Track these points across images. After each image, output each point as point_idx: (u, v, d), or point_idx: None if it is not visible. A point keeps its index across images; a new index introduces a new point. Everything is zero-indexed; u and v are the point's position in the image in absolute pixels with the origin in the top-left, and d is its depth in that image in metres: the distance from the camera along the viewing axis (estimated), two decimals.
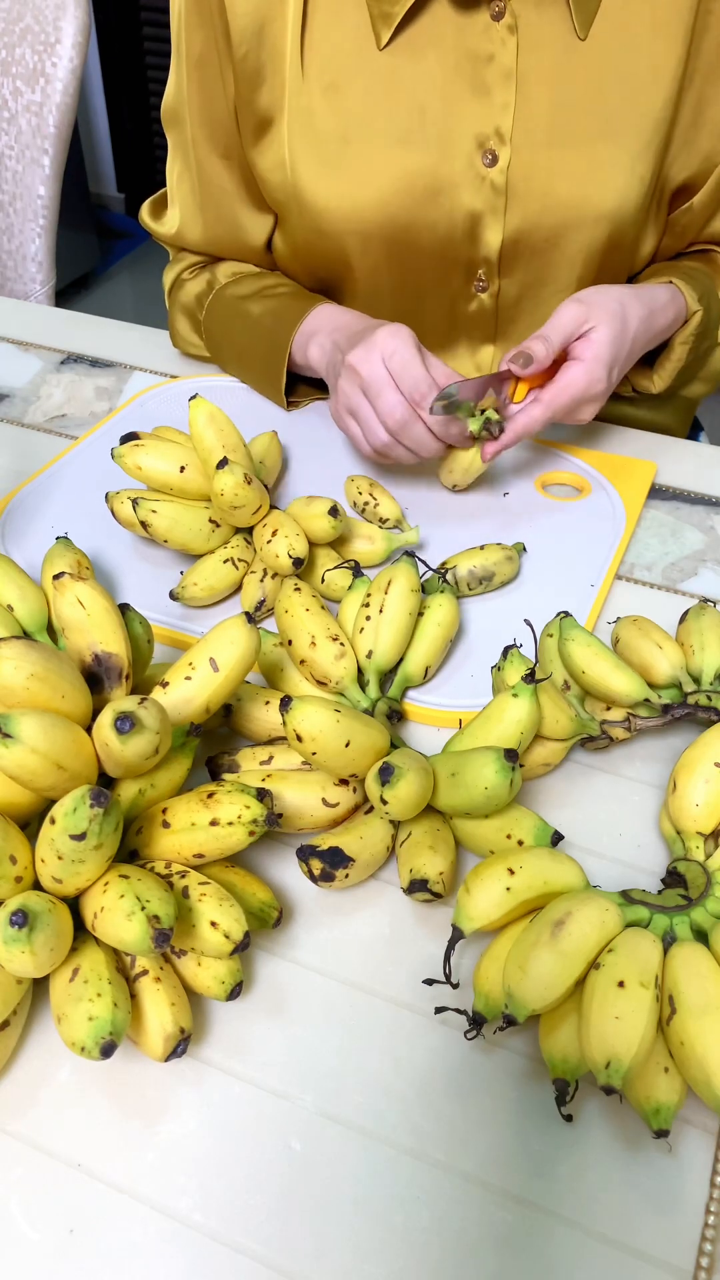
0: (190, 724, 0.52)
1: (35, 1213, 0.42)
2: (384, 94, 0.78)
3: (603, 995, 0.42)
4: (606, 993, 0.42)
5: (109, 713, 0.44)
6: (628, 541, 0.76)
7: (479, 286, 0.86)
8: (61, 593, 0.51)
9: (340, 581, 0.68)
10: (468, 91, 0.78)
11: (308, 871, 0.51)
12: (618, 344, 0.73)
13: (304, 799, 0.53)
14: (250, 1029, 0.48)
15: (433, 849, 0.51)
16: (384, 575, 0.62)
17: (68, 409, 0.92)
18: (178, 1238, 0.42)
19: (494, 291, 0.86)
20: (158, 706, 0.46)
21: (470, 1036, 0.46)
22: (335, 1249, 0.41)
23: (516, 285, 0.86)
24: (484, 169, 0.79)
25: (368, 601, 0.62)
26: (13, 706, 0.46)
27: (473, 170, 0.79)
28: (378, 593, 0.62)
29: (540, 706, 0.54)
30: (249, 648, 0.52)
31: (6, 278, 1.46)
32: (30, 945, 0.41)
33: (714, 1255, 0.41)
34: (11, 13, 1.36)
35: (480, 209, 0.80)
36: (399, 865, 0.52)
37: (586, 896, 0.46)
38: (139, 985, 0.45)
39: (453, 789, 0.51)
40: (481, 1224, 0.42)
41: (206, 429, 0.68)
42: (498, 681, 0.57)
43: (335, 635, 0.59)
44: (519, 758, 0.50)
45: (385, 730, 0.54)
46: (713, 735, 0.54)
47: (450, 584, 0.67)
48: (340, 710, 0.51)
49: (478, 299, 0.87)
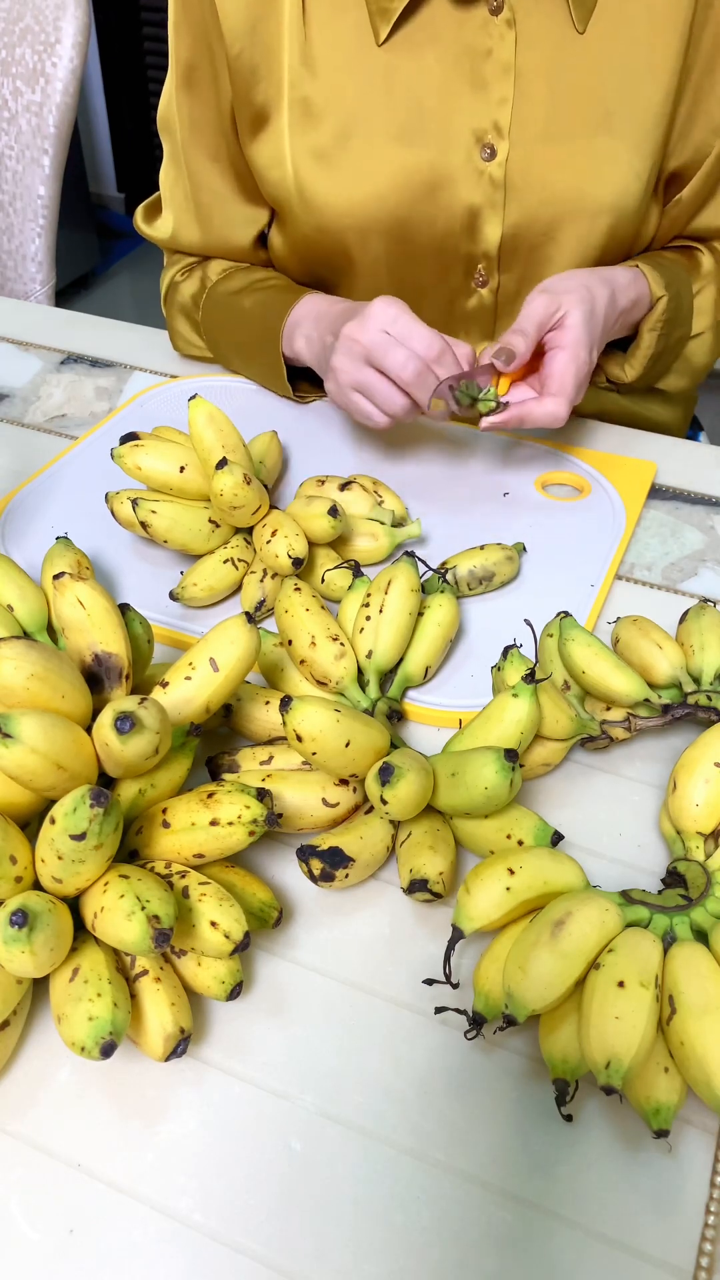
0: (190, 724, 0.52)
1: (35, 1213, 0.42)
2: (383, 89, 0.78)
3: (603, 995, 0.42)
4: (606, 993, 0.42)
5: (109, 713, 0.44)
6: (628, 541, 0.76)
7: (479, 281, 0.86)
8: (62, 593, 0.51)
9: (340, 582, 0.68)
10: (466, 86, 0.78)
11: (308, 872, 0.51)
12: (591, 323, 0.74)
13: (304, 799, 0.53)
14: (250, 1029, 0.48)
15: (433, 849, 0.51)
16: (384, 575, 0.62)
17: (68, 409, 0.92)
18: (178, 1238, 0.42)
19: (494, 287, 0.86)
20: (158, 706, 0.46)
21: (470, 1036, 0.46)
22: (335, 1249, 0.41)
23: (515, 280, 0.86)
24: (482, 163, 0.79)
25: (368, 601, 0.62)
26: (13, 706, 0.46)
27: (471, 165, 0.79)
28: (378, 593, 0.62)
29: (540, 707, 0.54)
30: (249, 648, 0.52)
31: (6, 278, 1.46)
32: (30, 945, 0.41)
33: (714, 1255, 0.41)
34: (11, 13, 1.36)
35: (479, 203, 0.81)
36: (399, 865, 0.52)
37: (586, 896, 0.46)
38: (139, 985, 0.45)
39: (453, 789, 0.51)
40: (481, 1224, 0.42)
41: (206, 429, 0.68)
42: (498, 681, 0.57)
43: (335, 635, 0.59)
44: (519, 758, 0.50)
45: (385, 730, 0.54)
46: (713, 735, 0.54)
47: (450, 584, 0.67)
48: (340, 710, 0.51)
49: (477, 294, 0.87)
